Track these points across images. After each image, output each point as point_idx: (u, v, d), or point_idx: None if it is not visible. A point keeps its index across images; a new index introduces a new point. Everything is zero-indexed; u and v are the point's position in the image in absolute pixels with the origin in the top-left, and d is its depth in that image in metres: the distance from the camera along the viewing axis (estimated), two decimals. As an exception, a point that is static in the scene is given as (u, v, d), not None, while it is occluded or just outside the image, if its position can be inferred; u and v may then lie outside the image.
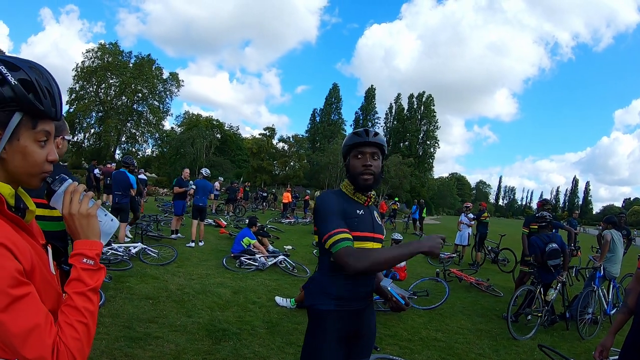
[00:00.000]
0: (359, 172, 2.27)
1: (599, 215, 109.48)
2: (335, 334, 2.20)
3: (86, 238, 1.21)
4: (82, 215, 1.21)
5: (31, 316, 0.98)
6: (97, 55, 50.86)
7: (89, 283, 1.16)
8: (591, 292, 6.93)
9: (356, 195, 2.33)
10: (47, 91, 1.14)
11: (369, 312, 2.38)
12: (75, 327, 1.08)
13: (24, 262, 1.02)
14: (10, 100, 1.07)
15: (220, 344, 4.81)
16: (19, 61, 1.12)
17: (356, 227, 2.21)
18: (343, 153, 2.42)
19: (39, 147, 1.14)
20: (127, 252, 8.21)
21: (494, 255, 13.92)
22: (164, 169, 53.89)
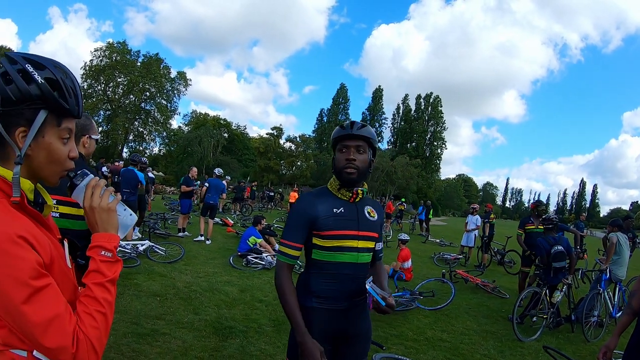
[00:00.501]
0: (342, 167, 2.20)
1: (606, 218, 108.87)
2: (317, 330, 2.15)
3: (105, 231, 1.24)
4: (102, 209, 1.23)
5: (52, 306, 1.01)
6: (106, 54, 51.13)
7: (107, 274, 1.19)
8: (597, 295, 6.92)
9: (340, 192, 2.27)
10: (72, 90, 1.18)
11: (357, 312, 2.30)
12: (94, 316, 1.11)
13: (43, 254, 1.05)
14: (37, 98, 1.10)
15: (227, 341, 4.85)
16: (44, 60, 1.15)
17: (332, 227, 2.18)
18: (332, 148, 2.34)
19: (62, 144, 1.18)
20: (135, 249, 8.27)
21: (500, 256, 13.87)
22: (171, 167, 54.11)
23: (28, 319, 0.98)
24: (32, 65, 1.12)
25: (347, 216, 2.23)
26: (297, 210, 2.23)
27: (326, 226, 2.17)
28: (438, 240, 20.53)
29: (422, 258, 13.81)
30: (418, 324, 6.48)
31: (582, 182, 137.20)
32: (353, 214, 2.26)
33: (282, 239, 2.21)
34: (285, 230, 2.23)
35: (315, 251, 2.22)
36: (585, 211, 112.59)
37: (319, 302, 2.20)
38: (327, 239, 2.19)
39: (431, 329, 6.29)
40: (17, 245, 0.99)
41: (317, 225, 2.17)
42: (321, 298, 2.21)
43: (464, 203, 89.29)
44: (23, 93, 1.08)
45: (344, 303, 2.23)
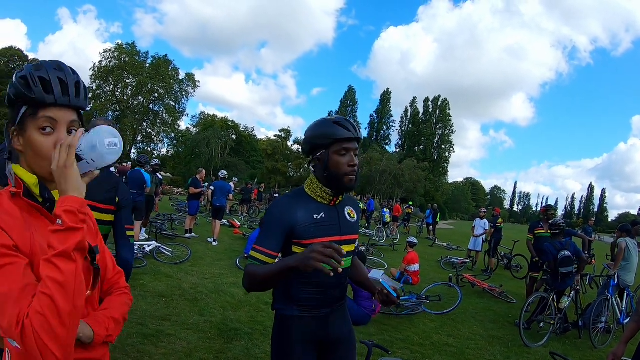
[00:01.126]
0: (345, 172, 2.04)
1: (614, 223, 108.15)
2: (301, 339, 2.09)
3: (64, 194, 1.10)
4: (59, 168, 1.10)
5: (5, 284, 0.98)
6: (115, 55, 51.49)
7: (57, 247, 1.01)
8: (605, 301, 6.87)
9: (320, 195, 2.11)
10: (40, 79, 1.17)
11: (337, 317, 2.22)
12: (39, 298, 0.97)
13: (18, 241, 1.07)
14: (16, 97, 1.20)
15: (232, 343, 4.85)
16: (29, 65, 1.23)
17: (312, 235, 2.03)
18: (315, 144, 2.11)
19: (42, 135, 1.17)
20: (142, 250, 8.29)
21: (507, 261, 13.83)
22: (179, 168, 54.30)
23: None
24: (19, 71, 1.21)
25: (328, 222, 2.10)
26: (273, 216, 2.04)
27: (307, 234, 2.03)
28: (445, 244, 20.48)
29: (429, 262, 13.77)
30: (424, 328, 6.45)
31: (591, 186, 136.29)
32: (334, 219, 2.14)
33: (256, 245, 2.01)
34: (260, 236, 2.03)
35: None
36: (593, 216, 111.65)
37: (301, 310, 2.09)
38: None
39: (437, 334, 6.26)
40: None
41: (296, 233, 2.03)
42: (303, 306, 2.09)
43: (471, 207, 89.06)
44: (9, 95, 1.21)
45: (327, 309, 2.15)
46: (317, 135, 2.10)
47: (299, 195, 2.14)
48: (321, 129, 2.10)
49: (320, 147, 2.08)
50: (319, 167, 2.10)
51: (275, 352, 2.13)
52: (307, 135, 2.16)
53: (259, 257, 1.98)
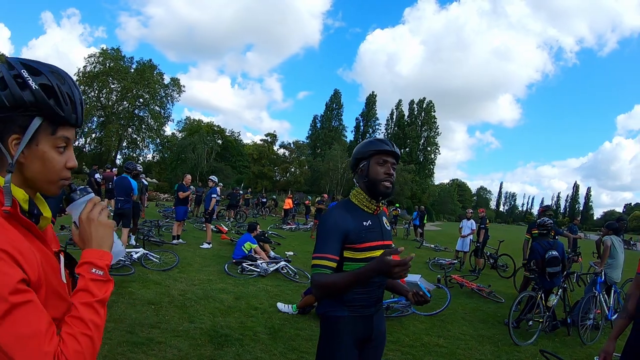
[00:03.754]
0: (382, 179, 2.30)
1: (600, 221, 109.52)
2: (349, 340, 2.23)
3: (98, 247, 1.17)
4: (100, 223, 1.18)
5: (30, 324, 0.95)
6: (99, 60, 50.97)
7: (97, 294, 1.10)
8: (592, 298, 6.94)
9: (366, 205, 2.35)
10: (69, 97, 1.14)
11: (379, 316, 2.41)
12: (79, 339, 1.03)
13: (29, 271, 0.99)
14: (31, 105, 1.07)
15: (223, 349, 4.82)
16: (40, 65, 1.13)
17: (364, 239, 2.25)
18: (359, 157, 2.40)
19: (58, 153, 1.14)
20: (129, 257, 8.22)
21: (493, 260, 13.94)
22: (165, 174, 53.93)
23: (3, 335, 0.91)
24: (28, 70, 1.09)
25: (374, 228, 2.32)
26: (330, 224, 2.24)
27: (359, 239, 2.24)
28: (433, 246, 20.56)
29: (417, 263, 13.80)
30: (414, 329, 6.47)
31: (576, 185, 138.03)
32: (377, 226, 2.36)
33: (317, 253, 2.19)
34: (319, 245, 2.21)
35: (346, 264, 2.25)
36: (579, 214, 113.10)
37: (351, 311, 2.25)
38: (361, 251, 2.24)
39: (427, 335, 6.28)
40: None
41: (350, 238, 2.22)
42: (353, 307, 2.25)
43: (458, 208, 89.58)
44: (16, 99, 1.06)
45: (372, 309, 2.32)
46: (362, 150, 2.40)
47: (348, 205, 2.38)
48: (366, 145, 2.40)
49: (363, 159, 2.38)
50: (362, 175, 2.38)
51: (323, 351, 2.28)
52: (355, 152, 2.46)
53: (325, 263, 2.16)
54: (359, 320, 2.27)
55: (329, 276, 2.12)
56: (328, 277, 2.12)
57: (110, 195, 14.58)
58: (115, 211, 9.59)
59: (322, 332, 2.31)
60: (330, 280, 2.10)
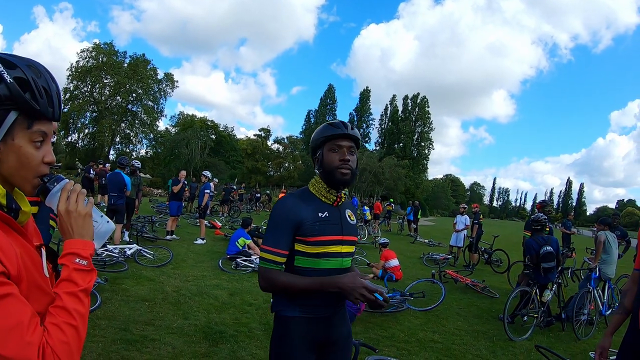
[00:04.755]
0: (337, 166, 2.11)
1: (592, 217, 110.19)
2: (302, 341, 2.09)
3: (80, 237, 1.17)
4: (79, 214, 1.17)
5: (12, 316, 0.94)
6: (92, 55, 50.66)
7: (81, 284, 1.11)
8: (587, 293, 6.96)
9: (325, 195, 2.18)
10: (44, 90, 1.12)
11: (339, 318, 2.25)
12: (63, 329, 1.03)
13: (8, 265, 0.98)
14: (6, 99, 1.05)
15: (218, 346, 4.80)
16: (16, 59, 1.11)
17: (318, 232, 2.09)
18: (314, 146, 2.24)
19: (35, 148, 1.12)
20: (123, 253, 8.18)
21: (487, 256, 13.98)
22: (159, 169, 53.80)
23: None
24: (3, 64, 1.07)
25: (331, 221, 2.16)
26: (280, 214, 2.10)
27: (312, 232, 2.08)
28: (427, 241, 20.61)
29: (411, 259, 13.84)
30: (409, 325, 6.47)
31: (569, 181, 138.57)
32: (337, 218, 2.20)
33: (265, 245, 2.07)
34: (268, 236, 2.09)
35: (298, 258, 2.11)
36: (572, 210, 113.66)
37: (303, 311, 2.11)
38: (313, 245, 2.09)
39: (422, 330, 6.29)
40: None
41: (302, 230, 2.08)
42: (305, 307, 2.11)
43: (451, 203, 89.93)
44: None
45: (329, 310, 2.17)
46: (314, 139, 2.24)
47: (304, 194, 2.21)
48: (318, 132, 2.24)
49: (317, 147, 2.22)
50: (318, 166, 2.21)
51: (275, 353, 2.12)
52: (310, 141, 2.29)
53: (270, 257, 2.05)
54: (312, 321, 2.12)
55: (282, 275, 2.05)
56: (281, 275, 2.04)
57: (104, 191, 14.54)
58: (109, 207, 9.55)
59: (274, 331, 2.17)
60: (283, 280, 2.03)
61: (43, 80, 1.13)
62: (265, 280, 2.04)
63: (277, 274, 2.04)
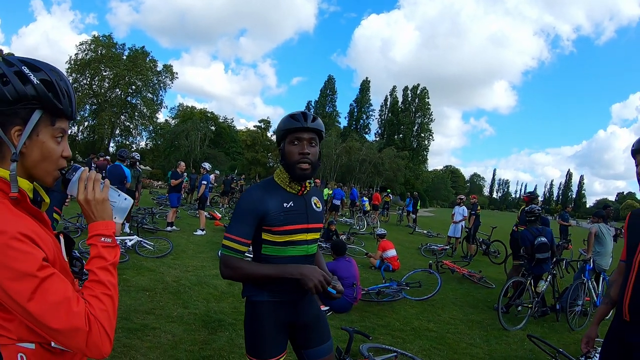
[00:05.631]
0: (296, 161, 2.16)
1: (592, 209, 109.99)
2: (272, 323, 2.21)
3: (101, 219, 1.29)
4: (97, 201, 1.29)
5: (58, 292, 1.07)
6: (91, 47, 50.46)
7: (109, 258, 1.25)
8: (581, 285, 7.05)
9: (289, 185, 2.24)
10: (66, 92, 1.24)
11: (307, 302, 2.35)
12: (102, 299, 1.18)
13: (47, 251, 1.11)
14: (32, 98, 1.16)
15: (217, 334, 4.89)
16: (40, 63, 1.22)
17: (284, 222, 2.16)
18: (277, 138, 2.30)
19: (56, 143, 1.24)
20: (123, 244, 8.25)
21: (485, 247, 14.05)
22: (158, 161, 53.73)
23: (38, 306, 1.03)
24: (28, 67, 1.18)
25: (296, 210, 2.23)
26: (245, 204, 2.16)
27: (277, 222, 2.15)
28: (425, 232, 20.67)
29: (410, 249, 13.92)
30: (405, 314, 6.57)
31: (569, 173, 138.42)
32: (302, 208, 2.26)
33: (228, 233, 2.13)
34: (232, 224, 2.15)
35: (265, 246, 2.20)
36: (571, 202, 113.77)
37: (271, 296, 2.21)
38: (278, 234, 2.17)
39: (418, 319, 6.38)
40: (21, 242, 1.04)
41: (267, 220, 2.14)
42: (273, 292, 2.21)
43: (451, 194, 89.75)
44: (19, 93, 1.14)
45: (295, 295, 2.25)
46: (277, 130, 2.30)
47: (269, 185, 2.26)
48: (280, 124, 2.26)
49: (281, 140, 2.26)
50: (281, 158, 2.26)
51: (249, 336, 2.24)
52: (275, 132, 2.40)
53: (233, 245, 2.11)
54: (280, 305, 2.23)
55: (244, 263, 2.12)
56: (242, 263, 2.12)
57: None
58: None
59: (246, 315, 2.28)
60: (245, 267, 2.11)
61: (63, 82, 1.24)
62: (228, 268, 2.12)
63: (239, 261, 2.12)
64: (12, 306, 1.04)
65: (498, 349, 5.54)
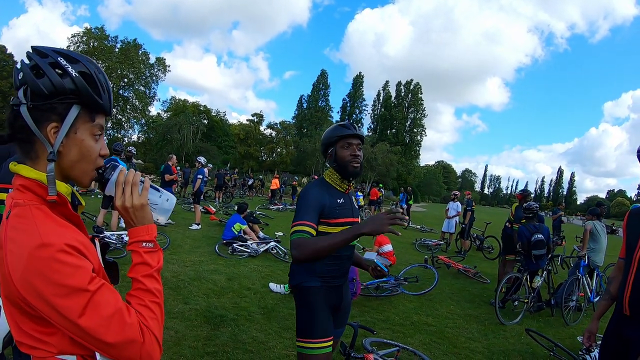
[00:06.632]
0: (349, 161, 2.54)
1: (583, 206, 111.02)
2: (324, 306, 2.49)
3: (141, 224, 1.23)
4: (135, 208, 1.21)
5: (110, 304, 1.02)
6: (83, 40, 50.21)
7: (153, 264, 1.21)
8: (575, 280, 7.14)
9: (339, 185, 2.61)
10: (105, 85, 1.16)
11: (346, 287, 2.72)
12: (151, 307, 1.15)
13: (92, 260, 1.06)
14: (70, 92, 1.09)
15: (219, 329, 4.91)
16: (76, 54, 1.14)
17: (338, 215, 2.50)
18: (327, 143, 2.65)
19: (94, 141, 1.17)
20: (120, 240, 8.22)
21: (479, 242, 14.15)
22: (151, 155, 53.57)
23: (91, 321, 0.98)
24: (65, 58, 1.10)
25: (346, 206, 2.58)
26: (311, 196, 2.45)
27: (334, 214, 2.48)
28: (419, 227, 20.80)
29: (404, 244, 13.97)
30: (403, 308, 6.63)
31: (560, 170, 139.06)
32: (349, 204, 2.62)
33: (299, 221, 2.36)
34: (301, 213, 2.39)
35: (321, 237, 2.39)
36: (562, 199, 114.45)
37: (324, 281, 2.51)
38: (335, 226, 2.47)
39: (416, 314, 6.44)
40: (69, 255, 0.99)
41: (325, 213, 2.45)
42: (325, 277, 2.52)
43: (443, 189, 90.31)
44: (56, 87, 1.07)
45: (341, 280, 2.63)
46: (327, 137, 2.66)
47: (324, 184, 2.61)
48: (330, 132, 2.66)
49: (330, 145, 2.63)
50: (331, 160, 2.62)
51: (303, 319, 2.48)
52: (322, 139, 2.70)
53: (307, 230, 2.35)
54: (330, 289, 2.54)
55: (314, 239, 2.31)
56: (313, 239, 2.30)
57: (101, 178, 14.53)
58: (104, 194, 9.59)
59: (299, 301, 2.53)
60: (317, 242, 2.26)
61: (102, 75, 1.17)
62: (301, 247, 2.27)
63: (310, 239, 2.30)
64: (60, 322, 0.99)
65: (496, 343, 5.61)
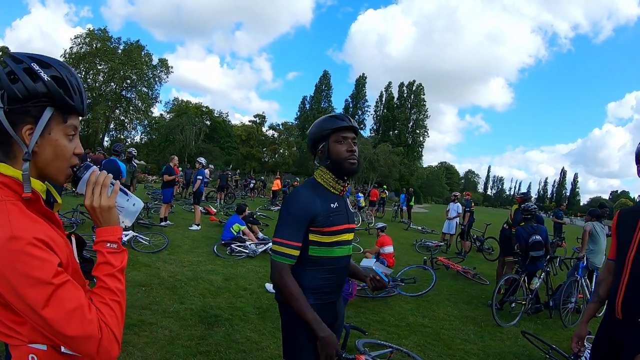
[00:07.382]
0: (345, 157, 2.17)
1: (586, 207, 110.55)
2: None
3: (107, 225, 1.26)
4: (102, 209, 1.25)
5: (73, 299, 1.07)
6: (86, 41, 50.39)
7: (116, 264, 1.24)
8: (574, 282, 7.11)
9: (332, 186, 2.24)
10: (77, 88, 1.22)
11: (340, 301, 2.39)
12: (111, 305, 1.18)
13: (61, 255, 1.10)
14: (43, 96, 1.14)
15: (213, 329, 4.92)
16: (49, 59, 1.20)
17: (332, 223, 2.16)
18: (317, 138, 2.26)
19: (68, 140, 1.22)
20: (119, 239, 8.23)
21: (479, 243, 14.10)
22: (153, 156, 53.64)
23: (53, 313, 1.03)
24: (38, 63, 1.15)
25: (340, 211, 2.24)
26: (297, 207, 2.12)
27: (327, 222, 2.14)
28: (420, 228, 20.73)
29: (404, 245, 13.95)
30: (400, 310, 6.61)
31: (563, 170, 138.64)
32: (343, 208, 2.28)
33: (279, 238, 2.09)
34: (283, 229, 2.11)
35: (312, 248, 2.15)
36: (565, 200, 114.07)
37: (316, 298, 2.18)
38: (328, 235, 2.16)
39: (413, 315, 6.42)
40: (37, 248, 1.04)
41: (317, 222, 2.12)
42: (318, 294, 2.19)
43: (445, 190, 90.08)
44: (30, 91, 1.12)
45: (336, 295, 2.30)
46: (317, 131, 2.26)
47: (315, 186, 2.25)
48: (320, 124, 2.27)
49: (321, 140, 2.25)
50: (323, 158, 2.25)
51: (291, 340, 2.21)
52: (309, 133, 2.33)
53: (285, 250, 2.08)
54: (323, 307, 2.20)
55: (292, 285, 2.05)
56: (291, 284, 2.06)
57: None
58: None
59: (287, 320, 2.24)
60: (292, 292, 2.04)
61: (74, 78, 1.23)
62: (280, 277, 2.07)
63: (290, 280, 2.06)
64: (26, 312, 1.04)
65: (492, 345, 5.59)
